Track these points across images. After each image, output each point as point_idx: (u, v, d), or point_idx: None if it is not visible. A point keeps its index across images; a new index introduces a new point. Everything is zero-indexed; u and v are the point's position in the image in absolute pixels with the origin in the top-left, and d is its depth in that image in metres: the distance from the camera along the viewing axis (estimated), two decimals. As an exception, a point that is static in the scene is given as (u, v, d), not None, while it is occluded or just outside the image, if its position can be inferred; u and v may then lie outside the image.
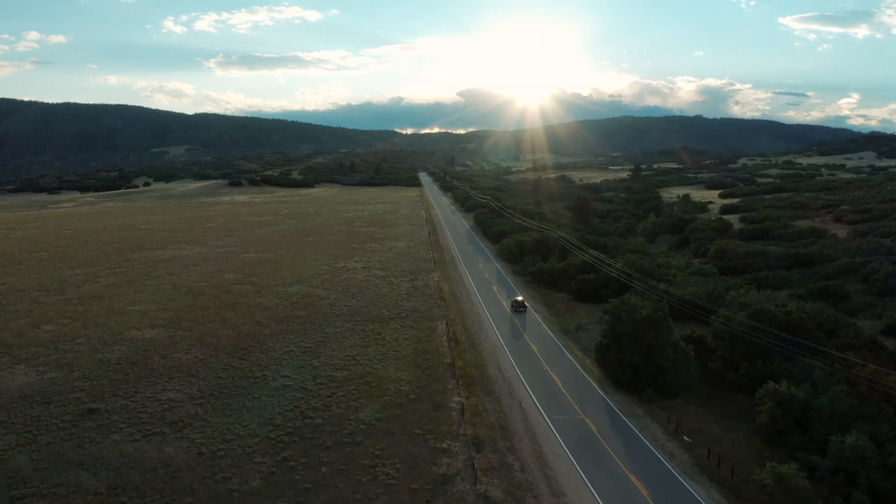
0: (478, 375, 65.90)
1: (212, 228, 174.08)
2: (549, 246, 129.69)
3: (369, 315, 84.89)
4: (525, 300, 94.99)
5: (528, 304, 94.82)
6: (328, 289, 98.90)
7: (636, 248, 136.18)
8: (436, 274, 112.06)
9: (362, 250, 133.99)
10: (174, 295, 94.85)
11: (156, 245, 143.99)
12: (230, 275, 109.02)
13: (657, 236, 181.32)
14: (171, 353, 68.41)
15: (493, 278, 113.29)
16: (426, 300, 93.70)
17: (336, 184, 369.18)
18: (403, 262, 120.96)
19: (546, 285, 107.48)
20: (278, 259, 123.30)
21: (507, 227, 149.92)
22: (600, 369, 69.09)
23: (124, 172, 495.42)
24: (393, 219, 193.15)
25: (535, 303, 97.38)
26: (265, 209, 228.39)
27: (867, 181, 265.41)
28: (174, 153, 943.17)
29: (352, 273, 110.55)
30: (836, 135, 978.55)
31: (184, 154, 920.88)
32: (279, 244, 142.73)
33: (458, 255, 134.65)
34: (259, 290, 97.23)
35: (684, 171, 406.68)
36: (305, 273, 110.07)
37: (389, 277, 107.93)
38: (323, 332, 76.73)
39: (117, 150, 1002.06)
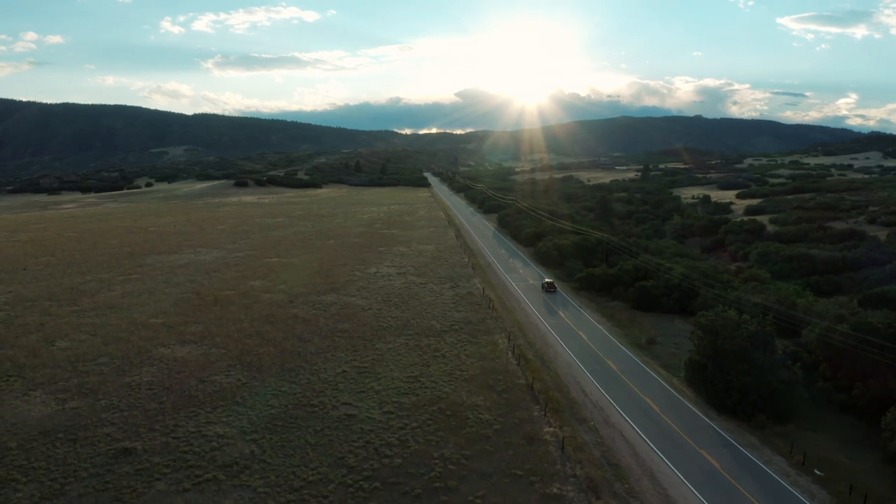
0: (562, 400, 56.90)
1: (224, 230, 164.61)
2: (589, 249, 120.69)
3: (420, 328, 75.78)
4: (572, 300, 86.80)
5: (587, 315, 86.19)
6: (367, 298, 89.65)
7: (681, 251, 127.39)
8: (476, 280, 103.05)
9: (391, 254, 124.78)
10: (200, 305, 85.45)
11: (169, 248, 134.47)
12: (256, 282, 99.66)
13: (686, 238, 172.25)
14: (208, 376, 59.10)
15: (538, 285, 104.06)
16: (476, 310, 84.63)
17: (344, 184, 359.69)
18: (439, 268, 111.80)
19: (597, 292, 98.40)
20: (304, 264, 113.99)
21: (538, 230, 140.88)
22: (693, 390, 60.42)
23: (125, 173, 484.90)
24: (412, 220, 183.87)
25: (592, 313, 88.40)
26: (276, 210, 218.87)
27: (889, 181, 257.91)
28: (174, 154, 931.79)
29: (387, 280, 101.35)
30: (836, 135, 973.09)
31: (184, 154, 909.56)
32: (301, 248, 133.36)
33: (494, 260, 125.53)
34: (292, 300, 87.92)
35: (692, 172, 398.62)
36: (337, 280, 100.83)
37: (429, 284, 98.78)
38: (375, 349, 67.54)
39: (117, 150, 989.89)
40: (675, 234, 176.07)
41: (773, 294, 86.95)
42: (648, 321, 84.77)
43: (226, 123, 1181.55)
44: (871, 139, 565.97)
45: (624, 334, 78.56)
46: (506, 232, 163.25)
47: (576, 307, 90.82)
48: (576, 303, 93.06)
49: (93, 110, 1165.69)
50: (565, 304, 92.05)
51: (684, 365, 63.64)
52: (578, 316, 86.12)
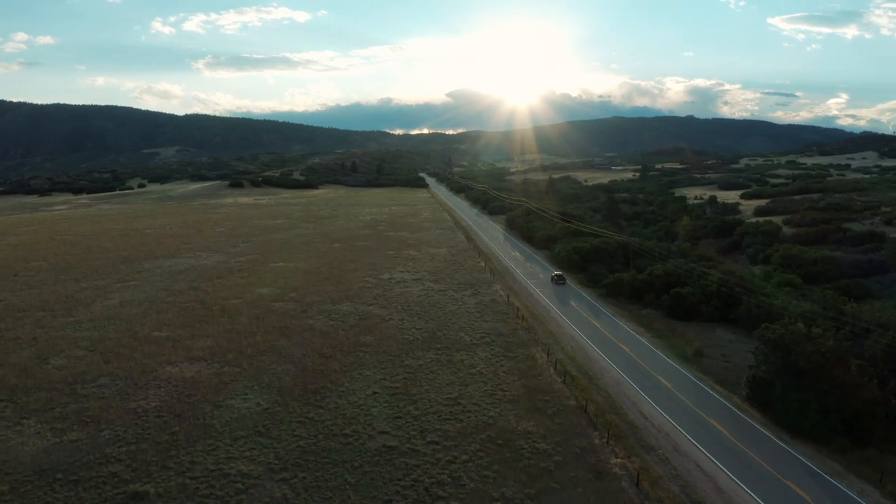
0: (621, 424, 50.56)
1: (223, 233, 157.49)
2: (610, 253, 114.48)
3: (448, 341, 69.26)
4: (603, 308, 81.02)
5: (623, 324, 79.99)
6: (386, 307, 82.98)
7: (705, 255, 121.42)
8: (497, 286, 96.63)
9: (402, 258, 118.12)
10: (206, 316, 78.58)
11: (167, 252, 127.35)
12: (264, 289, 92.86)
13: (699, 240, 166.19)
14: (224, 400, 52.37)
15: (563, 291, 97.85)
16: (504, 320, 78.21)
17: (340, 184, 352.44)
18: (455, 273, 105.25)
19: (627, 299, 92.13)
20: (313, 269, 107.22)
21: (552, 232, 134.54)
22: (758, 410, 54.25)
23: (117, 174, 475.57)
24: (417, 222, 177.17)
25: (627, 322, 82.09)
26: (275, 211, 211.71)
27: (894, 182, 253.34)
28: (165, 154, 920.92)
29: (404, 287, 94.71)
30: (828, 135, 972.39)
31: (175, 155, 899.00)
32: (306, 251, 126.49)
33: (510, 264, 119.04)
34: (305, 310, 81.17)
35: (689, 172, 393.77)
36: (351, 286, 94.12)
37: (448, 291, 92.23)
38: (404, 366, 60.97)
39: (108, 151, 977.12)
40: (688, 236, 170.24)
41: (820, 300, 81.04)
42: (689, 331, 78.64)
43: (217, 124, 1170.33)
44: (865, 139, 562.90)
45: (667, 346, 72.29)
46: (516, 234, 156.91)
47: (609, 316, 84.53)
48: (608, 311, 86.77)
49: (84, 111, 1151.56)
50: (597, 313, 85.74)
51: (746, 382, 57.61)
52: (614, 326, 79.81)
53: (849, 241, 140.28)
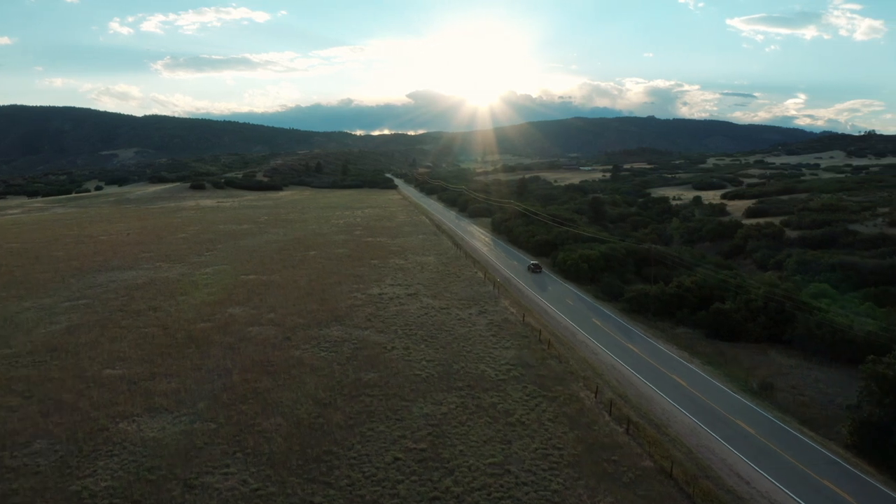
0: (721, 495, 38.21)
1: (186, 239, 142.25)
2: (620, 261, 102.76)
3: (469, 376, 56.38)
4: (633, 327, 69.80)
5: (664, 348, 68.07)
6: (384, 331, 69.67)
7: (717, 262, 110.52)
8: (506, 302, 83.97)
9: (389, 269, 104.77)
10: (170, 346, 64.52)
11: (124, 263, 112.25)
12: (237, 309, 78.86)
13: (694, 244, 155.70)
14: (197, 477, 38.83)
15: (580, 306, 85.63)
16: (527, 345, 65.58)
17: (306, 186, 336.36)
18: (452, 285, 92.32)
19: (656, 316, 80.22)
20: (290, 283, 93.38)
21: (548, 237, 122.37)
22: (869, 462, 42.61)
23: (74, 176, 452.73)
24: (395, 226, 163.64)
25: (667, 344, 70.17)
26: (240, 215, 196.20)
27: (880, 180, 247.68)
28: (124, 156, 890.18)
29: (399, 304, 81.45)
30: (788, 135, 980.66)
31: (134, 157, 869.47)
32: (280, 261, 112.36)
33: (511, 274, 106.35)
34: (289, 336, 67.48)
35: (659, 172, 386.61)
36: (338, 305, 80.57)
37: (452, 309, 79.28)
38: (424, 416, 47.90)
39: (66, 153, 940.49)
40: (683, 240, 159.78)
41: (883, 317, 70.31)
42: (741, 356, 67.14)
43: (176, 125, 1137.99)
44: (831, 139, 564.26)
45: (725, 376, 60.48)
46: (505, 239, 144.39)
47: (642, 337, 72.51)
48: (639, 331, 74.75)
49: (41, 112, 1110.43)
50: (627, 334, 73.65)
51: (850, 428, 45.96)
52: (654, 350, 67.76)
53: (859, 244, 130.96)
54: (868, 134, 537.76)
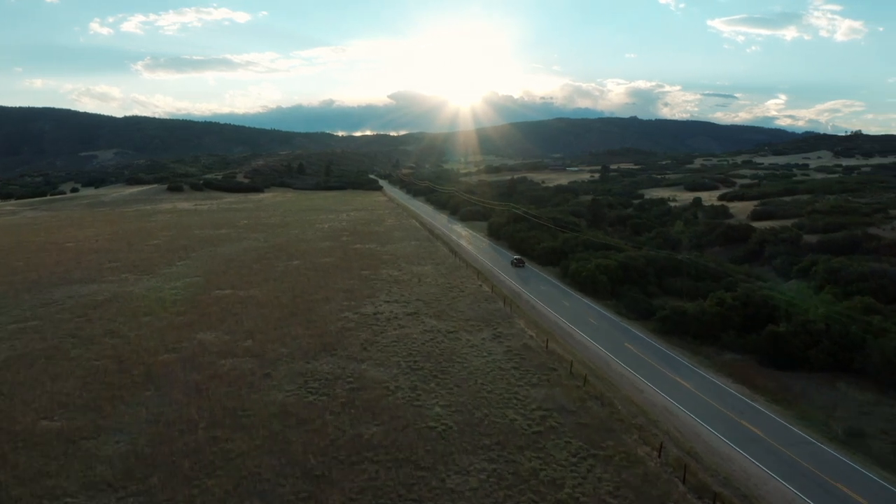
0: None
1: (158, 246, 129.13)
2: (639, 271, 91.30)
3: (495, 428, 44.50)
4: (674, 354, 58.57)
5: (718, 382, 56.56)
6: (384, 363, 57.48)
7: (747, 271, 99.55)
8: (521, 322, 72.09)
9: (382, 281, 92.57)
10: (123, 386, 52.04)
11: (87, 275, 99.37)
12: (208, 334, 66.31)
13: (703, 248, 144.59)
14: None
15: (606, 327, 73.85)
16: (557, 381, 53.85)
17: (288, 187, 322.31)
18: (457, 302, 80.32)
19: (695, 338, 68.67)
20: (270, 299, 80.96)
21: (555, 244, 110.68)
22: None
23: (50, 177, 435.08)
24: (384, 231, 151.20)
25: (718, 375, 58.75)
26: (218, 219, 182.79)
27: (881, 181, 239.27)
28: (104, 157, 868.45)
29: (399, 326, 69.27)
30: (771, 135, 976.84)
31: (113, 158, 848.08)
32: (260, 272, 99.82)
33: (519, 287, 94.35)
34: (269, 372, 55.10)
35: (648, 172, 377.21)
36: (326, 328, 68.26)
37: (460, 332, 67.24)
38: (447, 492, 35.97)
39: (45, 154, 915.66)
40: (692, 244, 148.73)
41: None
42: (809, 390, 55.65)
43: (157, 126, 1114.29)
44: (817, 139, 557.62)
45: (799, 418, 49.14)
46: (505, 245, 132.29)
47: (689, 367, 61.00)
48: (683, 359, 63.14)
49: (20, 113, 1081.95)
50: (671, 363, 62.02)
51: None
52: (708, 385, 56.26)
53: (884, 249, 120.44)
54: (854, 134, 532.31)
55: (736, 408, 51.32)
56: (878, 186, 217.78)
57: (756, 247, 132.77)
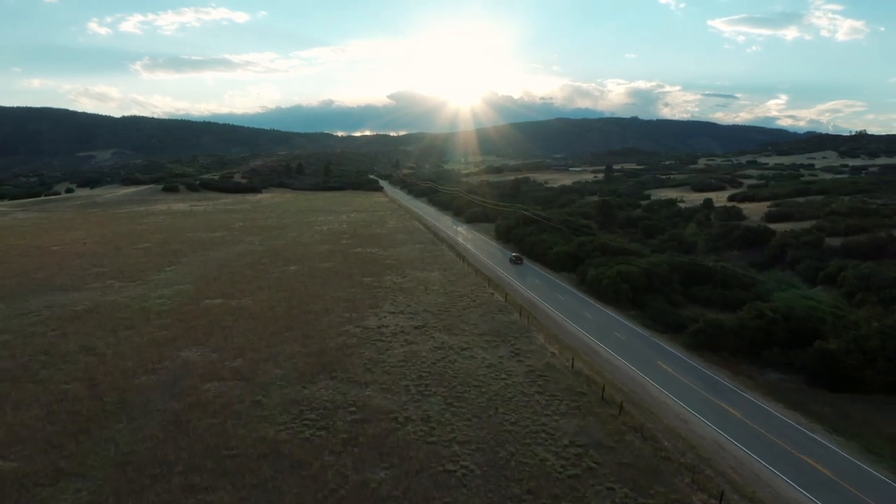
0: None
1: (148, 250, 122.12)
2: (663, 278, 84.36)
3: (525, 471, 37.65)
4: (714, 374, 53.02)
5: (771, 409, 49.60)
6: (391, 388, 50.45)
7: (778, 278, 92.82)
8: (540, 336, 65.03)
9: (385, 289, 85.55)
10: (92, 417, 45.10)
11: (69, 282, 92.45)
12: (193, 351, 59.30)
13: (719, 251, 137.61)
14: None
15: (635, 342, 66.82)
16: (589, 409, 46.90)
17: (286, 188, 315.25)
18: (468, 313, 73.30)
19: (732, 354, 61.73)
20: (264, 310, 73.94)
21: (570, 248, 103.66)
22: None
23: (45, 178, 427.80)
24: (386, 233, 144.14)
25: (765, 399, 51.97)
26: (213, 221, 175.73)
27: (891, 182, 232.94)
28: (101, 157, 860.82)
29: (406, 341, 62.25)
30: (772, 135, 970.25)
31: (111, 158, 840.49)
32: (253, 278, 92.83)
33: (533, 295, 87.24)
34: (259, 400, 48.10)
35: (652, 172, 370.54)
36: (325, 344, 61.24)
37: (474, 349, 60.22)
38: (476, 567, 28.71)
39: (42, 154, 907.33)
40: (707, 247, 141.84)
41: None
42: (871, 416, 48.83)
43: (155, 126, 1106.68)
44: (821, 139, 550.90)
45: (867, 452, 43.38)
46: (514, 248, 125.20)
47: (732, 390, 54.18)
48: (724, 379, 56.19)
49: (18, 113, 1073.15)
50: (712, 385, 55.14)
51: None
52: (759, 413, 49.51)
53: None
54: (859, 134, 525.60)
55: (795, 440, 44.42)
56: (893, 187, 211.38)
57: (777, 250, 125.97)
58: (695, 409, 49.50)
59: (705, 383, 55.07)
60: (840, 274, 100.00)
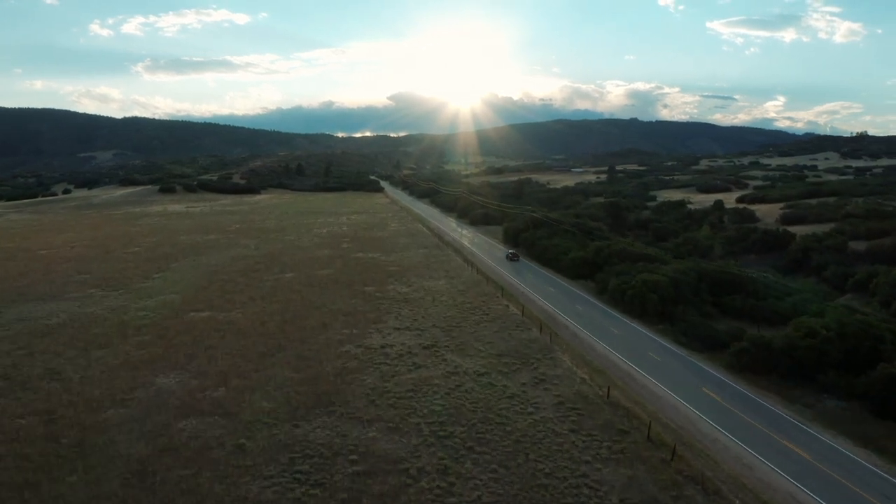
0: None
1: (137, 255, 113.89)
2: (692, 287, 76.13)
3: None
4: (769, 403, 45.75)
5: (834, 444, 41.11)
6: (398, 427, 42.15)
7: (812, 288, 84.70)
8: (564, 357, 56.74)
9: (389, 300, 77.29)
10: (41, 464, 37.06)
11: (49, 290, 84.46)
12: (170, 377, 51.00)
13: (736, 256, 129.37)
14: None
15: (674, 365, 58.46)
16: (634, 452, 38.85)
17: (285, 189, 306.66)
18: (482, 329, 65.03)
19: (783, 378, 53.49)
20: (254, 325, 65.66)
21: (585, 254, 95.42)
22: None
23: (43, 178, 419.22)
24: (388, 236, 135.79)
25: (831, 433, 43.66)
26: (208, 222, 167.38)
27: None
28: (102, 158, 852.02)
29: (414, 365, 53.99)
30: (771, 137, 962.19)
31: (112, 159, 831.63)
32: (245, 287, 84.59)
33: (553, 308, 78.68)
34: (241, 441, 39.85)
35: (655, 173, 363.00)
36: (323, 367, 52.99)
37: (492, 374, 52.01)
38: None
39: (43, 155, 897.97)
40: (724, 252, 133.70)
41: None
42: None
43: (156, 127, 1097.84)
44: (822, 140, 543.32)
45: None
46: (524, 253, 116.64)
47: (794, 424, 46.03)
48: (780, 409, 47.98)
49: (19, 114, 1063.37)
50: (771, 419, 46.92)
51: None
52: (831, 454, 41.48)
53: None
54: (860, 135, 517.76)
55: (880, 490, 36.29)
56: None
57: (799, 255, 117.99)
58: (756, 449, 41.32)
59: (760, 415, 46.87)
60: (872, 281, 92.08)
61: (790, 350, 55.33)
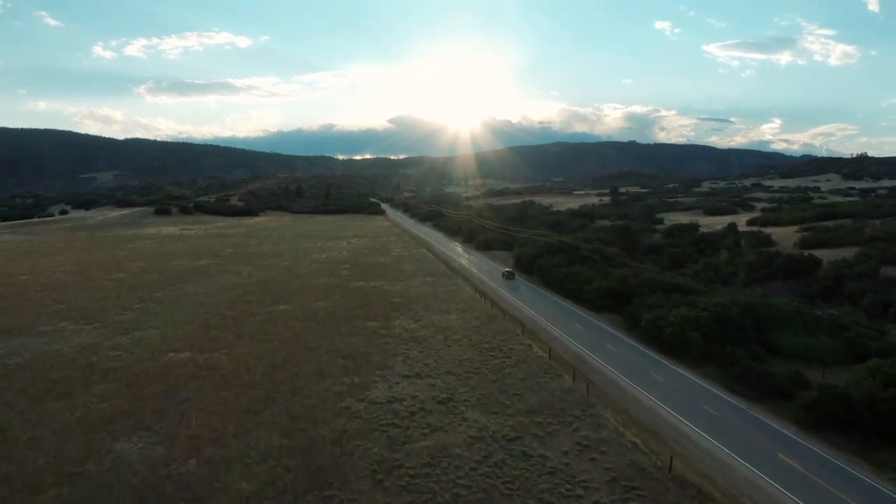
0: None
1: (120, 282, 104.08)
2: (738, 324, 66.37)
3: None
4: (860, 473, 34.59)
5: None
6: (416, 522, 31.97)
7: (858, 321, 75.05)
8: (607, 413, 46.81)
9: (395, 338, 67.36)
10: None
11: (17, 322, 74.96)
12: (132, 441, 41.15)
13: (759, 283, 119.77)
14: None
15: (735, 421, 48.44)
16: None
17: (284, 211, 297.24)
18: (506, 377, 55.11)
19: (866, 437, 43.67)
20: (239, 372, 55.71)
21: (611, 285, 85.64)
22: None
23: (41, 199, 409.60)
24: (391, 263, 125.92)
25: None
26: (201, 246, 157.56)
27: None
28: (103, 179, 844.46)
29: (428, 428, 43.99)
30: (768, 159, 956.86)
31: (113, 180, 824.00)
32: (233, 322, 74.70)
33: (579, 347, 68.73)
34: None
35: (658, 196, 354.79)
36: (316, 430, 43.10)
37: (525, 439, 42.09)
38: None
39: (44, 175, 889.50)
40: (747, 278, 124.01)
41: None
42: None
43: (157, 148, 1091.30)
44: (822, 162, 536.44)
45: None
46: (539, 282, 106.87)
47: None
48: (880, 484, 37.97)
49: (22, 135, 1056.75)
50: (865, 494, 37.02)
51: None
52: None
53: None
54: (860, 156, 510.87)
55: None
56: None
57: (829, 282, 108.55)
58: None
59: (855, 487, 37.07)
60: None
61: (871, 403, 45.53)
